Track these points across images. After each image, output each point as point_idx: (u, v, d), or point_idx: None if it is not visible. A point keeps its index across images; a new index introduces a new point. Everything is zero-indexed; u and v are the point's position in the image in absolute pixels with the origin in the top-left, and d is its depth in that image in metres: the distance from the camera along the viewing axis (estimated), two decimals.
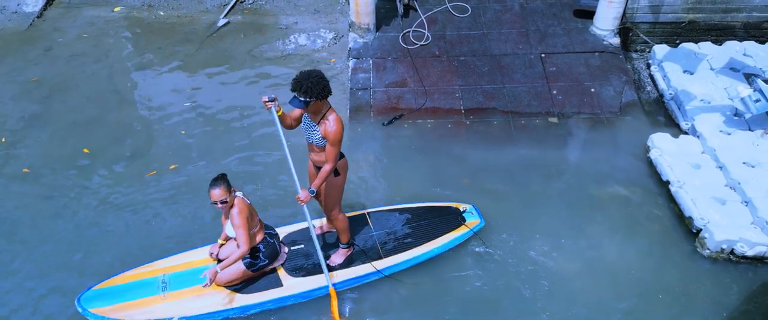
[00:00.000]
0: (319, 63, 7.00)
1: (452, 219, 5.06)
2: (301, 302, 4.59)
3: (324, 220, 5.01)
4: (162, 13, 7.90)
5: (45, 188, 5.61)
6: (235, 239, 4.43)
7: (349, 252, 4.79)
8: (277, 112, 4.10)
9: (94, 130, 6.26)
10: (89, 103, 6.59)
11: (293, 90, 3.92)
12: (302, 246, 4.83)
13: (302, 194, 4.18)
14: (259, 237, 4.38)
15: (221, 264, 4.24)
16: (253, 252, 4.39)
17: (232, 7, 7.92)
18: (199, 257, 4.69)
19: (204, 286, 4.17)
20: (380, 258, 4.75)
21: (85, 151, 6.04)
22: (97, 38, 7.47)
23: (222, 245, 4.58)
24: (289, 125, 4.25)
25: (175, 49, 7.30)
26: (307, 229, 4.90)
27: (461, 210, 5.13)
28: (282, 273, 4.60)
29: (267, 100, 4.07)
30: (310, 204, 4.81)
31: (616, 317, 4.54)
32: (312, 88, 3.86)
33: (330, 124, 4.01)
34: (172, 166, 5.83)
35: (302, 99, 3.89)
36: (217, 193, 4.07)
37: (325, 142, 4.10)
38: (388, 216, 5.09)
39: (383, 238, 4.91)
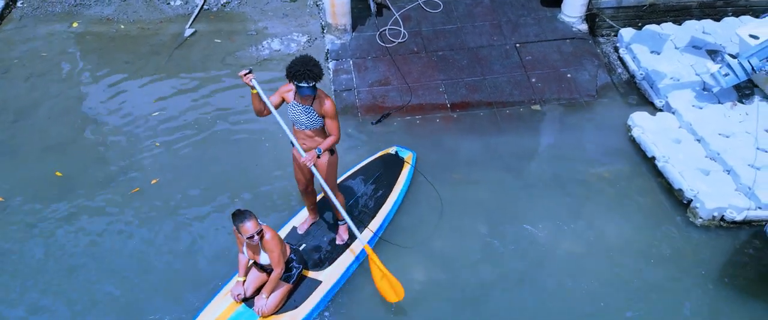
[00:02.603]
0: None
1: (394, 162, 5.49)
2: (342, 292, 4.72)
3: (306, 214, 5.04)
4: (123, 27, 7.59)
5: (26, 217, 5.32)
6: (257, 267, 4.44)
7: (347, 226, 4.91)
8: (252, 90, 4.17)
9: (69, 152, 5.99)
10: (59, 125, 6.28)
11: (302, 79, 3.95)
12: (304, 244, 4.89)
13: (307, 155, 4.20)
14: (288, 251, 4.40)
15: (265, 290, 4.29)
16: (286, 265, 4.38)
17: (197, 15, 7.70)
18: (222, 308, 4.41)
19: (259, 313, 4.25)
20: (372, 218, 5.00)
21: (58, 174, 5.75)
22: (57, 56, 7.10)
23: (244, 282, 4.45)
24: (259, 109, 4.27)
25: (144, 62, 7.03)
26: (294, 229, 4.99)
27: (393, 153, 5.55)
28: (311, 273, 4.63)
29: (245, 73, 4.10)
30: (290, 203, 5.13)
31: (628, 291, 4.75)
32: (318, 72, 4.00)
33: (324, 99, 4.15)
34: (154, 181, 5.65)
35: (313, 85, 3.98)
36: (250, 226, 4.02)
37: (321, 122, 4.19)
38: (346, 186, 5.28)
39: (361, 203, 5.16)
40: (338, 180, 5.23)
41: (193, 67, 6.99)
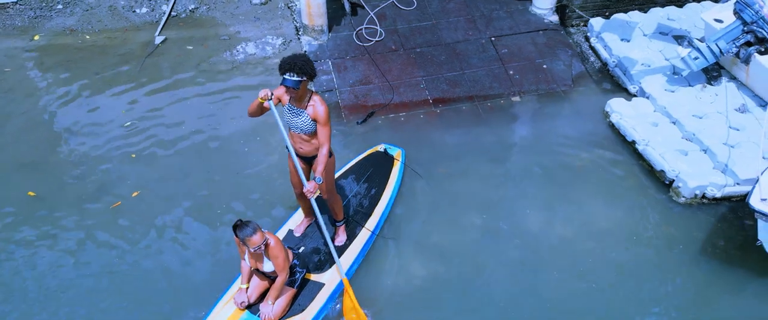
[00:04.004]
0: (274, 69, 6.84)
1: (384, 159, 5.51)
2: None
3: (302, 216, 5.01)
4: (88, 37, 7.34)
5: (1, 241, 5.10)
6: (258, 273, 4.38)
7: (345, 226, 4.93)
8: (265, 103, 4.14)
9: (42, 170, 5.78)
10: (29, 142, 6.04)
11: (286, 70, 3.99)
12: (303, 247, 4.86)
13: (309, 185, 4.21)
14: (291, 256, 4.37)
15: (270, 296, 4.24)
16: (290, 269, 4.33)
17: (166, 22, 7.51)
18: (225, 316, 4.35)
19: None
20: (368, 216, 5.01)
21: (30, 193, 5.54)
22: (22, 71, 6.81)
23: (247, 289, 4.39)
24: (255, 113, 4.24)
25: (115, 73, 6.82)
26: (290, 232, 4.97)
27: (382, 150, 5.56)
28: (313, 276, 4.61)
29: (269, 95, 4.07)
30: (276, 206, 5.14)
31: (618, 270, 4.92)
32: (305, 67, 3.99)
33: (318, 104, 4.14)
34: (135, 193, 5.52)
35: (296, 78, 3.97)
36: (258, 238, 3.97)
37: (314, 127, 4.18)
38: (338, 186, 5.25)
39: (356, 202, 5.17)
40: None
41: (166, 75, 6.83)
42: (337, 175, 5.35)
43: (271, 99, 4.07)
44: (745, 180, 5.21)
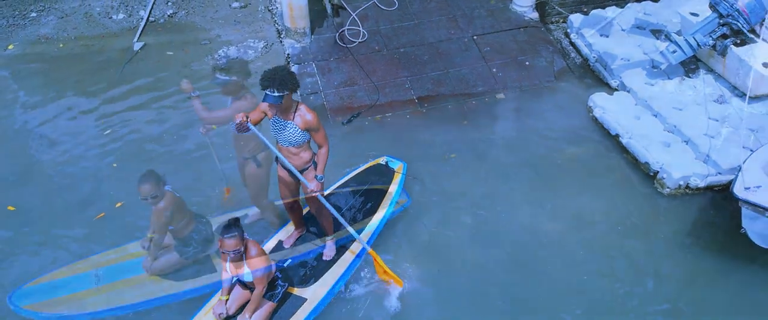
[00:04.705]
0: (258, 73, 6.77)
1: (384, 172, 5.39)
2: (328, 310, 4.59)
3: (292, 228, 4.95)
4: (62, 45, 7.19)
5: None
6: (240, 284, 4.32)
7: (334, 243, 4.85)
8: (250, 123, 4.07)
9: (22, 183, 5.65)
10: (7, 155, 5.91)
11: (266, 86, 3.89)
12: (290, 260, 4.78)
13: (313, 185, 4.21)
14: (273, 269, 4.28)
15: (248, 309, 4.16)
16: (271, 283, 4.26)
17: (144, 27, 7.40)
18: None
19: None
20: (361, 231, 4.88)
21: (10, 208, 5.41)
22: None
23: (226, 300, 4.30)
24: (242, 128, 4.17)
25: (93, 81, 6.71)
26: (280, 243, 4.89)
27: (383, 163, 5.46)
28: (296, 291, 4.51)
29: (245, 119, 3.98)
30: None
31: (607, 262, 4.99)
32: (285, 81, 3.90)
33: (306, 114, 4.10)
34: (118, 204, 5.42)
35: (277, 94, 3.89)
36: (232, 243, 3.90)
37: (304, 137, 4.13)
38: (336, 198, 5.20)
39: (351, 215, 5.06)
40: (326, 192, 5.16)
41: (147, 81, 6.73)
42: (334, 186, 5.28)
43: (247, 123, 3.99)
44: (727, 169, 5.34)
